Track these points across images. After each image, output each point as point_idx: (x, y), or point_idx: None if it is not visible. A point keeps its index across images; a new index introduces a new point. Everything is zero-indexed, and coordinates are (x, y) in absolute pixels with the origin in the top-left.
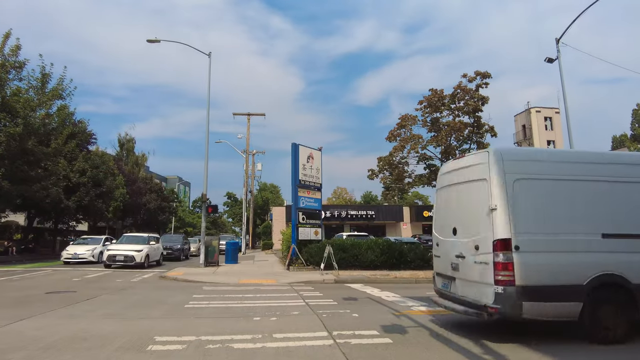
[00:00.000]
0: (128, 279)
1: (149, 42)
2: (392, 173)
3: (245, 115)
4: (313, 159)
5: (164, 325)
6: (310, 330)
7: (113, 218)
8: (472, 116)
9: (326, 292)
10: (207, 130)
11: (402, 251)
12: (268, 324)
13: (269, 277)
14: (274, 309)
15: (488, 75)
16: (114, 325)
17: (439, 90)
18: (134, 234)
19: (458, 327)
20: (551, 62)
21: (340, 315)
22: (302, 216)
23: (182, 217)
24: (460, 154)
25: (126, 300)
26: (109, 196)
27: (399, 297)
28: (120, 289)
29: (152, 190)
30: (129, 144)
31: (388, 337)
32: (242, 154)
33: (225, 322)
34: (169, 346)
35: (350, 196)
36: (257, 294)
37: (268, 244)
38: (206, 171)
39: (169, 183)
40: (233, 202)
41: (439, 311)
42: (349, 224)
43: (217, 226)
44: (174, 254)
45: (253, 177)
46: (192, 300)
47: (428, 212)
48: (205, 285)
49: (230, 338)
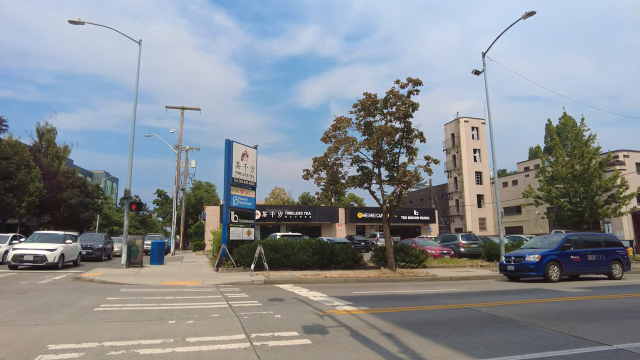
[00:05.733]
0: (35, 280)
1: (71, 23)
2: (327, 174)
3: (179, 108)
4: (248, 157)
5: (63, 332)
6: (228, 333)
7: (27, 214)
8: (402, 121)
9: (253, 293)
10: (133, 119)
11: (333, 251)
12: (183, 327)
13: (195, 278)
14: (193, 311)
15: (419, 82)
16: (0, 333)
17: (373, 94)
18: (47, 231)
19: (379, 326)
20: (477, 74)
21: (263, 317)
22: (234, 215)
23: (108, 215)
24: (391, 157)
25: (24, 305)
26: (22, 190)
27: (326, 296)
28: (22, 292)
29: (74, 185)
30: (50, 134)
31: (307, 338)
32: (174, 149)
33: (136, 326)
34: (62, 355)
35: (288, 197)
36: (178, 296)
37: (200, 245)
38: (130, 165)
39: (95, 178)
40: (164, 200)
41: (363, 310)
42: (286, 225)
43: (146, 225)
44: (94, 254)
45: (186, 175)
46: (105, 303)
47: (362, 214)
48: (124, 287)
49: (137, 343)
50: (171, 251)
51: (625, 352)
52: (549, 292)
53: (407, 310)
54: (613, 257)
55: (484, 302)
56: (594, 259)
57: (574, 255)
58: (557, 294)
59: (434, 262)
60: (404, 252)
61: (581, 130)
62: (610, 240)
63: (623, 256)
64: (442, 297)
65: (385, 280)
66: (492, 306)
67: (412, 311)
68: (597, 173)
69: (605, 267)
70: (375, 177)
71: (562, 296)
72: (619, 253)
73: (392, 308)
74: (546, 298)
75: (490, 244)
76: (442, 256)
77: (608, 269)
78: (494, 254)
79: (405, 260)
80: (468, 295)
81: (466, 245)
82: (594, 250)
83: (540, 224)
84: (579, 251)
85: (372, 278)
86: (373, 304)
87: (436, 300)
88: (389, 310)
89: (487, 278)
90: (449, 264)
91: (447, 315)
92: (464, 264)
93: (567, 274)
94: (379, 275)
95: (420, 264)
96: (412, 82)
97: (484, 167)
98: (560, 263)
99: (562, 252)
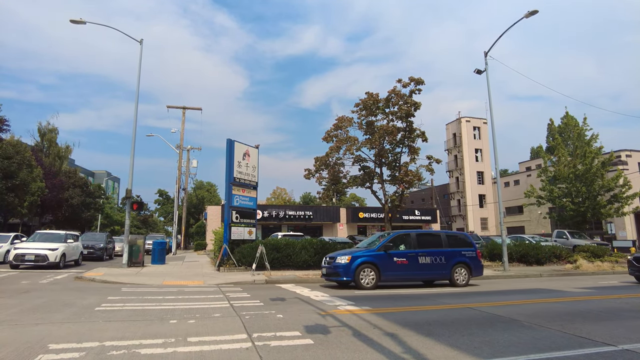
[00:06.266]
0: (36, 280)
1: (73, 23)
2: (329, 173)
3: (180, 108)
4: (249, 156)
5: (64, 331)
6: (229, 332)
7: (29, 214)
8: (404, 121)
9: (254, 293)
10: (134, 119)
11: (335, 251)
12: (185, 327)
13: (197, 278)
14: (195, 311)
15: (421, 81)
16: (1, 333)
17: (375, 94)
18: (48, 231)
19: (382, 326)
20: (480, 74)
21: (264, 317)
22: (235, 215)
23: (109, 214)
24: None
25: (25, 304)
26: (24, 190)
27: (328, 296)
28: (24, 291)
29: (75, 184)
30: (51, 134)
31: (310, 338)
32: (175, 149)
33: (138, 326)
34: (63, 355)
35: (289, 197)
36: (180, 296)
37: (201, 245)
38: (132, 164)
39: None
40: (165, 200)
41: (365, 310)
42: (287, 225)
43: (148, 225)
44: (96, 254)
45: (187, 174)
46: (106, 303)
47: (363, 214)
48: (125, 286)
49: (138, 343)
50: (172, 251)
51: (631, 352)
52: (552, 292)
53: (409, 310)
54: (457, 260)
55: (487, 302)
56: (428, 262)
57: (399, 257)
58: (561, 294)
59: None
60: None
61: (583, 129)
62: (457, 240)
63: (472, 259)
64: (444, 297)
65: None
66: (495, 306)
67: (414, 311)
68: (600, 173)
69: (445, 271)
70: (377, 176)
71: (565, 296)
72: (465, 255)
73: (394, 308)
74: (549, 298)
75: (492, 244)
76: None
77: (449, 273)
78: (497, 254)
79: None
80: (470, 295)
81: None
82: (431, 251)
83: (542, 224)
84: (407, 252)
85: None
86: (375, 304)
87: (438, 300)
88: (391, 310)
89: (490, 278)
90: None
91: (450, 315)
92: None
93: (388, 280)
94: None
95: None
96: (414, 81)
97: (486, 167)
98: (377, 266)
99: (383, 253)
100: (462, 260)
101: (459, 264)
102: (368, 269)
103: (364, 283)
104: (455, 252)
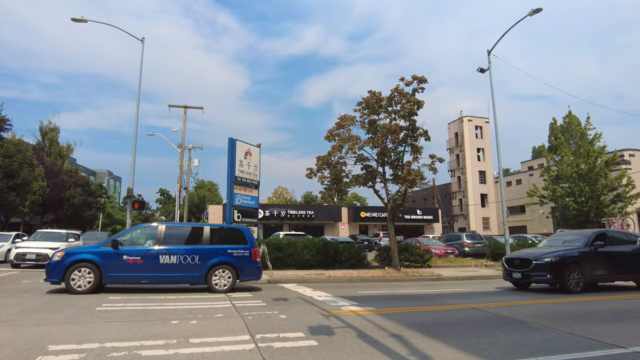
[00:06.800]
0: (37, 279)
1: (74, 21)
2: (331, 172)
3: (182, 107)
4: (251, 155)
5: (64, 332)
6: (232, 333)
7: (30, 213)
8: (407, 120)
9: (256, 293)
10: (136, 118)
11: (337, 250)
12: (186, 327)
13: None
14: (196, 311)
15: (424, 80)
16: (0, 333)
17: (377, 92)
18: (50, 230)
19: (387, 327)
20: (483, 72)
21: (267, 317)
22: (237, 214)
23: (111, 213)
24: (396, 155)
25: (26, 304)
26: (25, 189)
27: (331, 296)
28: (25, 291)
29: (77, 184)
30: (52, 133)
31: (314, 340)
32: (176, 148)
33: (139, 327)
34: (62, 356)
35: (290, 196)
36: (181, 295)
37: None
38: (133, 163)
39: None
40: (166, 199)
41: (369, 310)
42: (289, 224)
43: None
44: None
45: (189, 173)
46: (107, 303)
47: (365, 213)
48: (126, 286)
49: (139, 344)
50: None
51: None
52: (554, 292)
53: (414, 310)
54: (217, 260)
55: (492, 303)
56: (174, 262)
57: (132, 255)
58: (566, 295)
59: (438, 262)
60: (408, 252)
61: (586, 129)
62: (226, 234)
63: (240, 258)
64: (449, 297)
65: (390, 280)
66: (501, 306)
67: (419, 311)
68: (603, 172)
69: (197, 274)
70: (380, 175)
71: (570, 297)
72: (232, 254)
73: (398, 308)
74: (554, 299)
75: (495, 244)
76: (446, 256)
77: (203, 277)
78: (499, 254)
79: (409, 260)
80: (475, 295)
81: (471, 244)
82: (179, 249)
83: (544, 224)
84: (135, 250)
85: (376, 278)
86: (379, 304)
87: (443, 301)
88: (396, 310)
89: (493, 278)
90: (453, 263)
91: (455, 315)
92: (469, 263)
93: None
94: (383, 274)
95: (425, 264)
96: (417, 80)
97: (488, 167)
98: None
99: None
100: (224, 260)
101: (219, 265)
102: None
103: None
104: (214, 251)
